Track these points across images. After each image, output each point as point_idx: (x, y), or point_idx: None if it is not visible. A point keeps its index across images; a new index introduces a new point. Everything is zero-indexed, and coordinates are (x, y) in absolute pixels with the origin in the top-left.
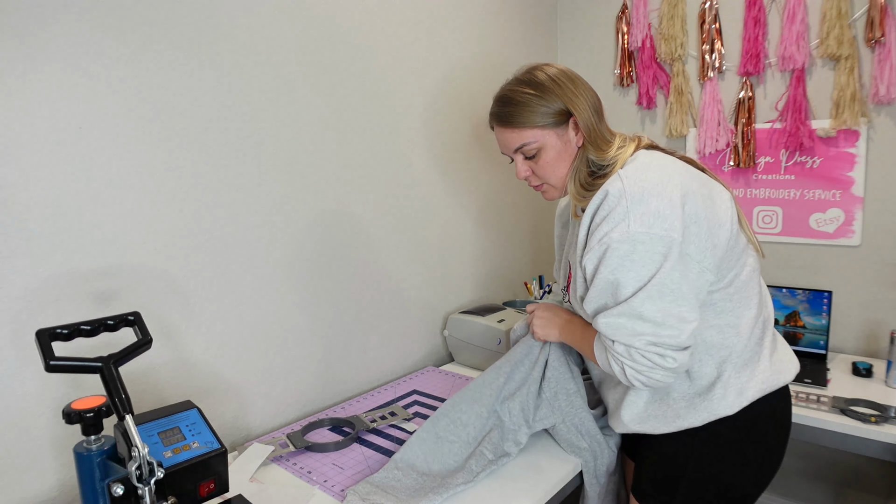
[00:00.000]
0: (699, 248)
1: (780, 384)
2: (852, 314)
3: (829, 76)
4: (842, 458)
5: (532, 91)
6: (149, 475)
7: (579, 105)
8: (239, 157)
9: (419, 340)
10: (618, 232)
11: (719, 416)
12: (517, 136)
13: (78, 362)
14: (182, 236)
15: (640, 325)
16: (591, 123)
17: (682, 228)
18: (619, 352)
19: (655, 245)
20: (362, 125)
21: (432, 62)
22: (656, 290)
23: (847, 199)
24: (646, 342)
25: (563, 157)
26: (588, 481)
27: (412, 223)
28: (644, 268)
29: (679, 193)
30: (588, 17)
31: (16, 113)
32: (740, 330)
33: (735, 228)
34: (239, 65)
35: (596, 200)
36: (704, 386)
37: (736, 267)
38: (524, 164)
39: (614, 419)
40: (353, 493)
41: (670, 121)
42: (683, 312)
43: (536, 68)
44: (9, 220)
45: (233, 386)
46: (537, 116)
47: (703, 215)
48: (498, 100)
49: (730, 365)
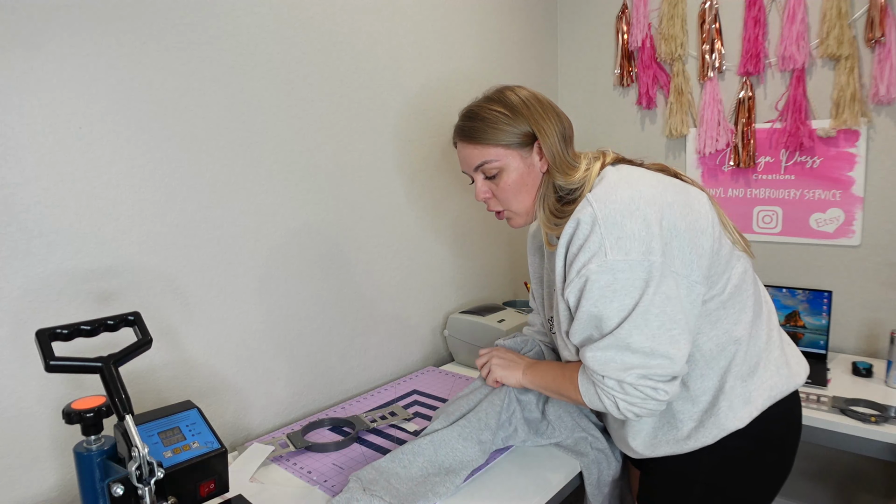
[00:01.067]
0: (684, 262)
1: (789, 389)
2: (852, 314)
3: (829, 76)
4: (842, 458)
5: (500, 109)
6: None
7: (546, 130)
8: (239, 157)
9: (419, 340)
10: (595, 263)
11: (730, 431)
12: (479, 152)
13: (78, 362)
14: (182, 236)
15: (629, 358)
16: (557, 150)
17: (663, 246)
18: (611, 386)
19: (635, 271)
20: (369, 121)
21: (433, 61)
22: (641, 318)
23: (847, 199)
24: (637, 375)
25: (525, 181)
26: (591, 492)
27: (413, 223)
28: (627, 297)
29: (653, 209)
30: (588, 17)
31: (16, 113)
32: (739, 337)
33: (717, 232)
34: (239, 65)
35: (568, 230)
36: (708, 401)
37: (726, 272)
38: (484, 185)
39: (623, 445)
40: (355, 479)
41: (670, 121)
42: (675, 335)
43: (508, 89)
44: (9, 220)
45: (233, 386)
46: (502, 135)
47: (682, 226)
48: (464, 114)
49: (732, 375)
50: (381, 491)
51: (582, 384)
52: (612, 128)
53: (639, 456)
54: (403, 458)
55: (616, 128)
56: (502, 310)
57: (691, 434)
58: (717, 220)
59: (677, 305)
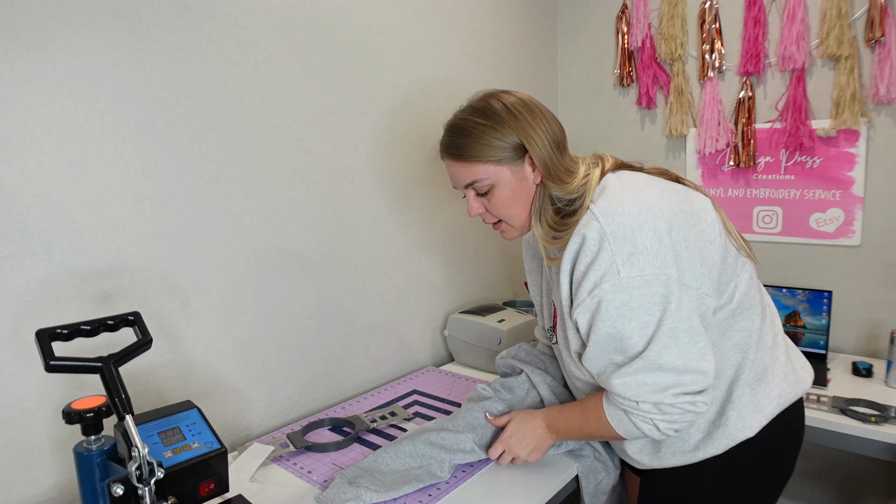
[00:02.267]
0: (694, 274)
1: (797, 395)
2: (852, 314)
3: (829, 76)
4: (842, 458)
5: (485, 121)
6: (149, 475)
7: (536, 139)
8: (240, 157)
9: (419, 340)
10: (608, 283)
11: (739, 440)
12: (467, 170)
13: (78, 362)
14: (182, 236)
15: (662, 378)
16: (550, 158)
17: (675, 258)
18: (648, 410)
19: (652, 286)
20: (370, 119)
21: (433, 60)
22: (669, 336)
23: (847, 198)
24: (674, 394)
25: (518, 195)
26: (588, 501)
27: (413, 222)
28: (646, 314)
29: (662, 220)
30: (588, 17)
31: (16, 113)
32: (747, 344)
33: (724, 240)
34: (239, 65)
35: (573, 246)
36: (716, 411)
37: (734, 279)
38: (476, 201)
39: (625, 456)
40: (340, 476)
41: (670, 121)
42: (702, 348)
43: (493, 96)
44: (9, 220)
45: (233, 386)
46: (490, 150)
47: (691, 237)
48: (448, 129)
49: (740, 384)
50: (367, 482)
51: (612, 415)
52: (612, 128)
53: (643, 467)
54: (386, 456)
55: (616, 128)
56: (502, 310)
57: (699, 445)
58: (723, 227)
59: (696, 318)
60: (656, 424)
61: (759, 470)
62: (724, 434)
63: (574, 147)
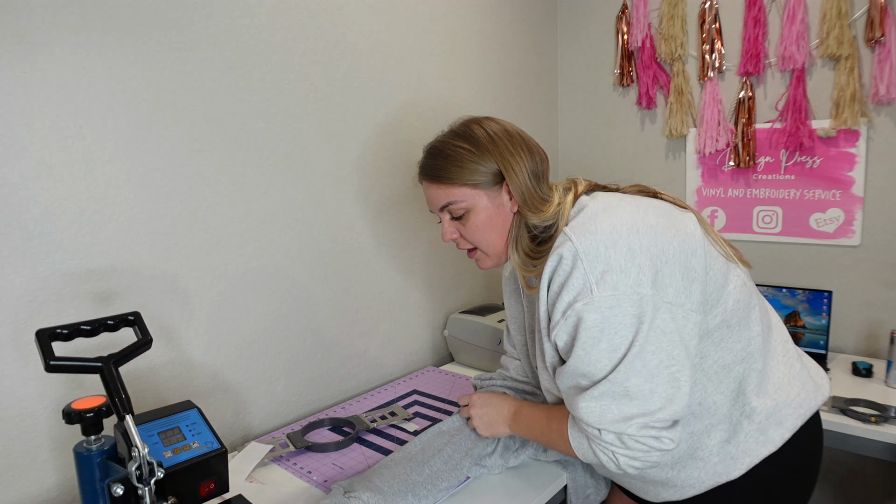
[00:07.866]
0: (677, 290)
1: (818, 403)
2: (852, 314)
3: (829, 76)
4: (842, 458)
5: (466, 146)
6: (149, 475)
7: (514, 167)
8: (240, 157)
9: (419, 340)
10: (581, 301)
11: (762, 457)
12: (444, 192)
13: (78, 362)
14: (182, 236)
15: (628, 407)
16: (527, 188)
17: (653, 276)
18: (610, 441)
19: (625, 307)
20: (370, 118)
21: (433, 60)
22: (637, 359)
23: (847, 199)
24: (639, 426)
25: (494, 222)
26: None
27: (413, 222)
28: (618, 335)
29: (637, 237)
30: (588, 17)
31: (16, 113)
32: (749, 354)
33: (706, 251)
34: (240, 65)
35: (549, 267)
36: (729, 429)
37: (726, 286)
38: (451, 225)
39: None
40: (337, 486)
41: (670, 121)
42: (674, 373)
43: (475, 122)
44: (9, 220)
45: (233, 386)
46: (467, 174)
47: (670, 250)
48: (428, 151)
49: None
50: (361, 492)
51: (574, 438)
52: (612, 128)
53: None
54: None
55: (616, 128)
56: (502, 310)
57: (718, 469)
58: (705, 237)
59: (675, 339)
60: (616, 459)
61: (787, 490)
62: (746, 451)
63: (574, 146)
